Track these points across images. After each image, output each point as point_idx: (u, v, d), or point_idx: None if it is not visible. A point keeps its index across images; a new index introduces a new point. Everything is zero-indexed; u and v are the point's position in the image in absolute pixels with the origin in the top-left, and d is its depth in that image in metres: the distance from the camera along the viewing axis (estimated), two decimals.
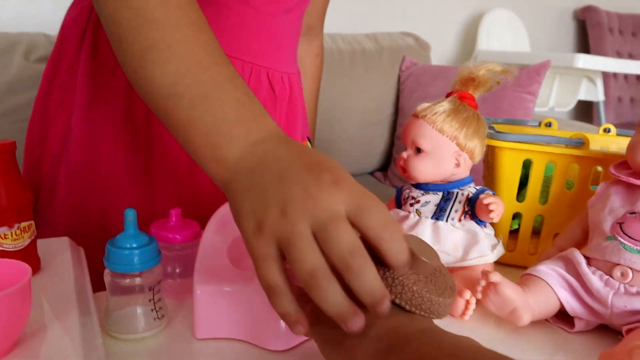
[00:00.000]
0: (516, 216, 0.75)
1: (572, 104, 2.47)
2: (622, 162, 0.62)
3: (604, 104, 2.54)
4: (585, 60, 2.04)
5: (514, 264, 0.74)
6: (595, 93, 2.46)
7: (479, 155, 0.66)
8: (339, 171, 0.39)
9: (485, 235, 0.65)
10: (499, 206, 0.61)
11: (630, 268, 0.55)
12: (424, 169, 0.65)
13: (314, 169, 0.39)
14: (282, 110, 0.76)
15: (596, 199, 0.63)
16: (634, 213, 0.57)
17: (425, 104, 0.67)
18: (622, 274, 0.55)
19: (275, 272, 0.37)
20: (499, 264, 0.76)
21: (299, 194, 0.37)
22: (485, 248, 0.64)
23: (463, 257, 0.64)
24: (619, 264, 0.56)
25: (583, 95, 2.47)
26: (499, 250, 0.66)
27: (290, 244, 0.36)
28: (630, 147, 0.58)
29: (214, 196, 0.62)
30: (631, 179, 0.58)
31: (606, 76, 2.64)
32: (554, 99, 2.35)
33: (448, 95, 0.68)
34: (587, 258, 0.60)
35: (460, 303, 0.58)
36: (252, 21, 0.68)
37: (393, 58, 1.94)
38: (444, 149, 0.64)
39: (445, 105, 0.66)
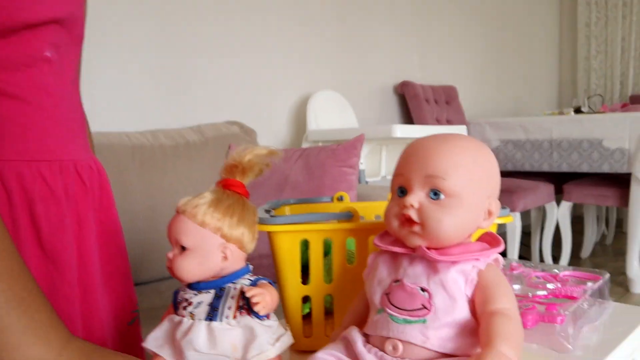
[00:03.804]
0: (307, 299, 0.71)
1: None
2: (387, 231, 0.61)
3: None
4: (402, 130, 2.18)
5: (314, 350, 0.70)
6: None
7: (249, 243, 0.63)
8: None
9: (265, 329, 0.60)
10: (264, 296, 0.57)
11: (400, 340, 0.53)
12: (190, 268, 0.60)
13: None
14: (94, 197, 0.74)
15: (368, 270, 0.62)
16: (398, 281, 0.56)
17: (187, 198, 0.63)
18: (393, 348, 0.53)
19: None
20: (299, 352, 0.72)
21: None
22: (265, 343, 0.59)
23: (243, 356, 0.59)
24: (389, 338, 0.54)
25: None
26: (285, 341, 0.61)
27: None
28: (384, 215, 0.58)
29: None
30: (390, 247, 0.57)
31: None
32: (384, 168, 2.47)
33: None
34: (367, 335, 0.57)
35: None
36: (38, 120, 0.67)
37: (218, 147, 1.93)
38: (208, 244, 0.60)
39: (207, 196, 0.62)
